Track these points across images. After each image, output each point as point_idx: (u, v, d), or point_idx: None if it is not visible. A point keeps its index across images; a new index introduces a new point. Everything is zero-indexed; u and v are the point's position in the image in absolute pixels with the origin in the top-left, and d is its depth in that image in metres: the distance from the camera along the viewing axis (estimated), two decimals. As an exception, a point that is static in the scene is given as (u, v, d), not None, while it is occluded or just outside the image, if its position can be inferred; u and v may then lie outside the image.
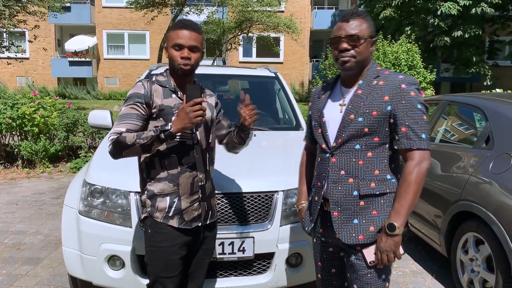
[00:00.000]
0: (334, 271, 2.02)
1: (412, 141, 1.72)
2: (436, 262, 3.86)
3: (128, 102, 1.95)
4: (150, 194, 2.01)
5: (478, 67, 18.46)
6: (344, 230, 1.81)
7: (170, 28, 2.07)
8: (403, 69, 10.33)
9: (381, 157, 1.80)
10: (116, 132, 1.88)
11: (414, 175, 1.70)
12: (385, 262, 1.74)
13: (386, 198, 1.79)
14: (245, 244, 2.49)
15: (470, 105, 3.75)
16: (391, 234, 1.71)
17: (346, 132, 1.80)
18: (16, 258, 3.81)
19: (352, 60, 1.78)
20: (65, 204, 2.78)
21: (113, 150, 1.88)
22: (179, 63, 1.96)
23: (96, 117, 3.75)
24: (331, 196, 1.84)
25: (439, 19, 17.62)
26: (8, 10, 12.63)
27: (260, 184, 2.61)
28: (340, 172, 1.82)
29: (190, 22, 2.00)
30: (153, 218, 2.00)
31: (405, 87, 1.75)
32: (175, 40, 1.96)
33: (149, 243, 2.03)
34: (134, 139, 1.84)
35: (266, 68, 4.51)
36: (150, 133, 1.85)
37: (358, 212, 1.80)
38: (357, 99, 1.80)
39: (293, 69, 24.76)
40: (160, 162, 1.98)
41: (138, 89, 1.97)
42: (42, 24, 16.60)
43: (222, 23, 17.92)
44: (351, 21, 1.79)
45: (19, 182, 6.61)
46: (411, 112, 1.73)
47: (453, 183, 3.33)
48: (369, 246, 1.79)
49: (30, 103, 7.19)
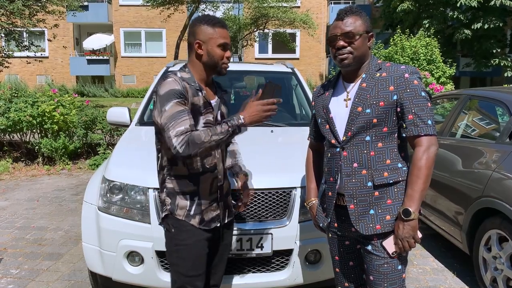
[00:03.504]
0: (352, 264, 2.04)
1: (420, 128, 1.76)
2: (457, 260, 3.79)
3: (171, 100, 1.80)
4: (169, 192, 1.97)
5: (499, 59, 18.04)
6: (361, 221, 1.85)
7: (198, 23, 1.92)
8: (422, 64, 10.15)
9: (391, 147, 1.85)
10: (181, 132, 1.75)
11: (424, 161, 1.75)
12: (406, 248, 1.77)
13: (399, 186, 1.84)
14: (263, 240, 2.48)
15: (492, 99, 3.66)
16: (407, 220, 1.75)
17: (355, 124, 1.84)
18: (38, 253, 3.88)
19: (350, 56, 1.84)
20: (85, 200, 2.80)
21: (187, 150, 1.75)
22: (224, 62, 1.94)
23: (114, 114, 3.79)
24: (346, 189, 1.87)
25: (459, 12, 17.27)
26: (28, 10, 12.82)
27: (278, 180, 2.59)
28: (353, 165, 1.86)
29: (223, 20, 1.98)
30: (175, 215, 1.95)
31: (408, 76, 1.81)
32: (221, 39, 1.91)
33: (174, 242, 1.97)
34: (209, 136, 1.76)
35: (283, 64, 4.49)
36: (224, 128, 1.78)
37: (374, 202, 1.84)
38: (363, 92, 1.85)
39: (309, 64, 24.62)
40: (183, 160, 1.93)
41: (172, 85, 1.83)
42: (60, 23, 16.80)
43: (238, 19, 17.89)
44: (345, 19, 1.84)
45: (39, 179, 6.73)
46: (416, 99, 1.78)
47: (475, 179, 3.26)
48: (387, 237, 1.82)
49: (50, 101, 7.30)
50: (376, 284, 1.85)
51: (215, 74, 1.98)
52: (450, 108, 4.35)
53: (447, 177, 3.66)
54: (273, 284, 2.58)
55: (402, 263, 1.86)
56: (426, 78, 8.16)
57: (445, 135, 4.00)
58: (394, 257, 1.82)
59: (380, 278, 1.84)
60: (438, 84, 8.75)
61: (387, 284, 1.83)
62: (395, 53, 10.53)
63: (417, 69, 1.85)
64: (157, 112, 1.83)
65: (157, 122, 1.83)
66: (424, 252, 4.00)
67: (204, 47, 1.91)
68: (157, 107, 1.82)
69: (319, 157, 2.17)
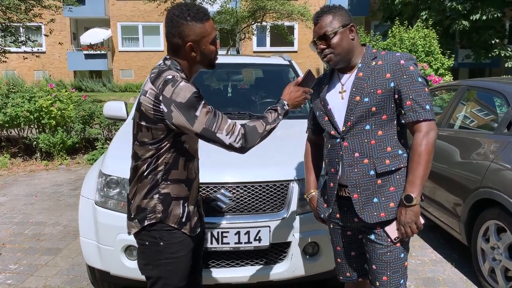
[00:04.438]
0: (354, 254, 2.05)
1: (418, 113, 1.77)
2: (456, 251, 3.79)
3: (199, 103, 1.68)
4: (164, 198, 1.80)
5: (498, 50, 18.00)
6: (366, 210, 1.85)
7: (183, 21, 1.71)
8: (420, 55, 10.12)
9: (391, 134, 1.85)
10: (231, 128, 1.70)
11: (423, 146, 1.75)
12: (409, 234, 1.79)
13: (401, 173, 1.85)
14: (261, 233, 2.47)
15: (491, 89, 3.64)
16: (409, 205, 1.75)
17: (354, 114, 1.84)
18: (36, 248, 3.88)
19: (332, 56, 1.85)
20: (82, 195, 2.79)
21: (247, 144, 1.73)
22: (215, 56, 1.85)
23: (111, 108, 3.77)
24: (348, 179, 1.87)
25: (457, 3, 17.20)
26: (24, 5, 12.74)
27: (275, 173, 2.58)
28: (355, 155, 1.86)
29: (205, 8, 1.81)
30: (165, 224, 1.80)
31: (404, 63, 1.81)
32: (213, 34, 1.77)
33: (164, 256, 1.82)
34: (264, 126, 1.78)
35: (280, 56, 4.46)
36: (274, 116, 1.83)
37: (377, 190, 1.84)
38: (360, 81, 1.85)
39: (307, 57, 24.52)
40: (184, 164, 1.83)
41: (189, 88, 1.68)
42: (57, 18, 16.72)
43: (236, 12, 17.78)
44: (319, 22, 1.87)
45: (38, 174, 6.72)
46: (413, 85, 1.78)
47: (473, 170, 3.25)
48: (390, 223, 1.83)
49: (47, 96, 7.27)
50: (379, 272, 1.86)
51: (205, 68, 1.89)
52: (449, 100, 4.33)
53: (445, 169, 3.65)
54: (271, 276, 2.58)
55: (405, 251, 1.87)
56: (424, 70, 8.14)
57: (444, 126, 3.99)
58: (397, 244, 1.83)
59: (383, 266, 1.85)
60: (437, 75, 8.72)
61: (390, 272, 1.84)
62: (393, 45, 10.52)
63: (412, 56, 1.86)
64: (183, 120, 1.67)
65: (187, 130, 1.71)
66: (423, 243, 4.00)
67: (197, 48, 1.75)
68: (182, 116, 1.67)
69: (318, 150, 2.18)
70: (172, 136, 1.77)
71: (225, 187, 2.48)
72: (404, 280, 1.88)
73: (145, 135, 1.79)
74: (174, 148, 1.80)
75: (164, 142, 1.78)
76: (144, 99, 1.76)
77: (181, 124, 1.70)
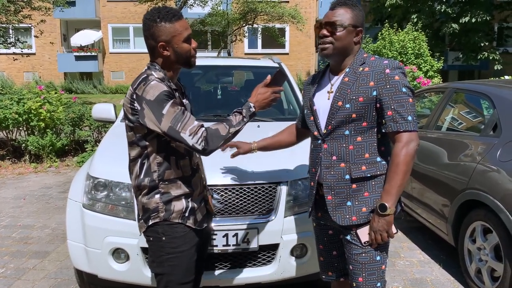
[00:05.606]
0: (335, 253, 2.08)
1: (399, 124, 1.77)
2: (444, 252, 3.82)
3: (166, 102, 1.71)
4: (166, 198, 1.85)
5: (487, 52, 18.21)
6: (338, 212, 1.88)
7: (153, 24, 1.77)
8: (410, 58, 10.21)
9: (370, 141, 1.85)
10: (194, 129, 1.71)
11: (402, 157, 1.75)
12: (379, 241, 1.80)
13: (377, 180, 1.85)
14: (249, 235, 2.47)
15: (477, 92, 3.68)
16: (383, 214, 1.76)
17: (335, 118, 1.85)
18: (24, 252, 3.84)
19: (330, 47, 1.84)
20: (69, 197, 2.78)
21: (208, 146, 1.73)
22: (193, 55, 1.86)
23: (100, 111, 3.75)
24: (324, 181, 1.90)
25: (446, 6, 17.38)
26: (13, 6, 12.64)
27: (263, 175, 2.59)
28: (332, 158, 1.88)
29: (177, 9, 1.86)
30: (168, 221, 1.84)
31: (389, 72, 1.79)
32: (185, 33, 1.79)
33: (166, 251, 1.86)
34: (227, 129, 1.78)
35: (270, 59, 4.47)
36: (238, 118, 1.83)
37: (351, 194, 1.86)
38: (344, 86, 1.85)
39: (299, 59, 24.61)
40: (176, 162, 1.86)
41: (160, 87, 1.73)
42: (47, 19, 16.59)
43: (227, 14, 17.80)
44: (336, 9, 1.85)
45: (26, 177, 6.66)
46: (396, 96, 1.77)
47: (460, 172, 3.29)
48: (363, 226, 1.85)
49: (36, 98, 7.21)
50: (355, 273, 1.89)
51: (184, 67, 1.90)
52: (436, 102, 4.37)
53: (433, 170, 3.69)
54: (260, 278, 2.58)
55: (381, 254, 1.87)
56: (413, 72, 8.21)
57: (431, 128, 4.03)
58: (366, 247, 1.85)
59: (358, 267, 1.87)
60: (426, 78, 8.79)
61: (365, 274, 1.86)
62: (383, 47, 10.58)
63: (400, 64, 1.83)
64: (153, 118, 1.71)
65: (156, 128, 1.73)
66: (411, 244, 4.03)
67: (170, 47, 1.80)
68: (151, 114, 1.71)
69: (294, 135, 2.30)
70: (156, 136, 1.81)
71: (213, 189, 2.48)
72: (382, 283, 1.89)
73: (130, 135, 1.88)
74: (162, 148, 1.84)
75: (148, 140, 1.83)
76: (125, 99, 1.84)
77: (151, 122, 1.74)
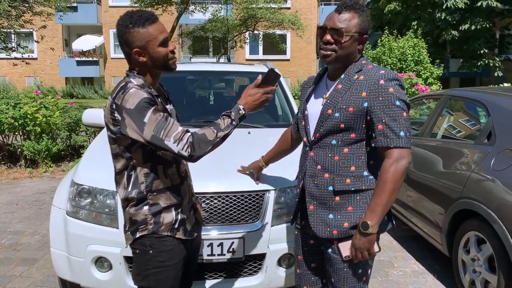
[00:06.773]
0: (313, 265, 2.00)
1: (390, 139, 1.66)
2: (439, 262, 3.75)
3: (148, 109, 1.63)
4: (155, 210, 1.77)
5: (488, 59, 18.19)
6: (319, 224, 1.81)
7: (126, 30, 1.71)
8: (410, 64, 10.18)
9: (358, 154, 1.76)
10: (179, 136, 1.63)
11: (390, 174, 1.64)
12: (359, 258, 1.73)
13: (362, 194, 1.76)
14: (234, 245, 2.41)
15: (472, 99, 3.63)
16: (364, 233, 1.67)
17: (323, 126, 1.77)
18: (12, 259, 3.79)
19: (333, 55, 1.73)
20: (54, 204, 2.73)
21: (195, 152, 1.64)
22: (171, 58, 1.77)
23: (90, 116, 3.73)
24: (307, 189, 1.84)
25: (446, 13, 17.38)
26: (15, 11, 12.66)
27: (250, 182, 2.53)
28: (317, 167, 1.81)
29: (151, 12, 1.79)
30: (157, 234, 1.77)
31: (384, 83, 1.68)
32: (160, 37, 1.70)
33: (152, 265, 1.79)
34: (215, 134, 1.68)
35: (264, 64, 4.44)
36: (227, 122, 1.71)
37: (334, 207, 1.78)
38: (337, 94, 1.76)
39: (300, 66, 24.63)
40: (164, 171, 1.78)
41: (139, 94, 1.65)
42: (49, 24, 16.63)
43: (227, 20, 17.83)
44: (342, 13, 1.72)
45: (21, 182, 6.61)
46: (388, 109, 1.66)
47: (454, 180, 3.22)
48: (346, 240, 1.77)
49: (32, 103, 7.18)
50: (337, 287, 1.84)
51: (163, 71, 1.83)
52: (432, 109, 4.32)
53: (428, 178, 3.63)
54: (246, 289, 2.52)
55: (364, 268, 1.82)
56: (411, 79, 8.16)
57: (426, 136, 3.97)
58: (346, 262, 1.78)
59: (340, 281, 1.82)
60: (424, 85, 8.74)
61: (347, 287, 1.81)
62: (383, 54, 10.55)
63: (397, 75, 1.72)
64: (134, 127, 1.63)
65: (139, 138, 1.64)
66: (405, 254, 3.96)
67: (145, 52, 1.72)
68: (132, 123, 1.63)
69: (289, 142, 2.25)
70: (140, 146, 1.73)
71: (198, 197, 2.43)
72: None
73: (114, 147, 1.79)
74: (148, 158, 1.76)
75: (133, 151, 1.74)
76: (105, 110, 1.75)
77: (133, 132, 1.65)
